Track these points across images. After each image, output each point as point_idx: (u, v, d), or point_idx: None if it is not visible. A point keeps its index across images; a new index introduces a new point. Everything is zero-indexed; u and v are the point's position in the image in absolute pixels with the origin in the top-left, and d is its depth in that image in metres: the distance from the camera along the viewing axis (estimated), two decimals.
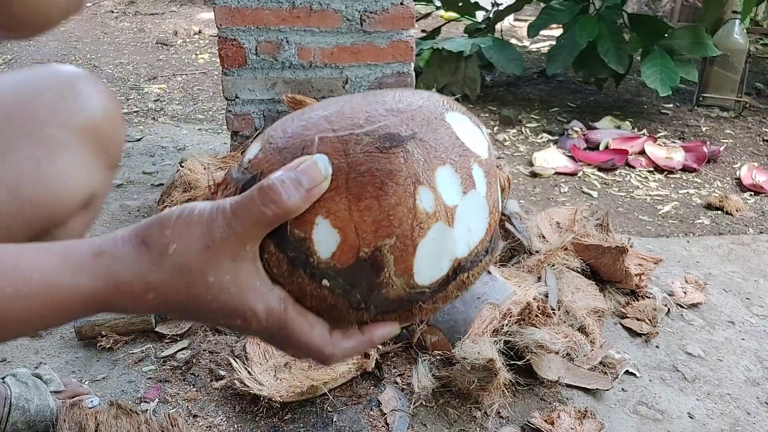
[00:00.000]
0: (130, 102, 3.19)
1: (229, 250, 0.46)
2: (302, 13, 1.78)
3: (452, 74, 3.27)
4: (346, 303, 0.49)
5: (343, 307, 0.49)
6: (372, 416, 1.13)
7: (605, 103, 3.42)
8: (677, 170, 2.53)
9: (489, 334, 1.16)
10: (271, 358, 1.20)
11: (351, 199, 0.47)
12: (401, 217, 0.47)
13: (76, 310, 0.47)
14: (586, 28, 2.95)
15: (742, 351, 1.42)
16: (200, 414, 1.12)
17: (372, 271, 0.48)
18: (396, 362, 1.27)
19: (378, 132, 0.48)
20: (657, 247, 1.89)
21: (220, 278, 0.46)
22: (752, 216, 2.17)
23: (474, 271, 0.53)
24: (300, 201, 0.46)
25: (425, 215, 0.48)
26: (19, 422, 0.97)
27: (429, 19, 4.60)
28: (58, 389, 1.06)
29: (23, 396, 0.99)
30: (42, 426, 1.00)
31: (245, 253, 0.47)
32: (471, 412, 1.16)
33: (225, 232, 0.46)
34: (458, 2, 3.70)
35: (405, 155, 0.47)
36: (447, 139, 0.50)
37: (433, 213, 0.48)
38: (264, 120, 1.87)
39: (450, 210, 0.49)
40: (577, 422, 1.12)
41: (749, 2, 3.05)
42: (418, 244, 0.48)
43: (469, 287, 0.54)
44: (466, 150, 0.51)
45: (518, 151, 2.69)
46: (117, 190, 2.06)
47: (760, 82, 3.81)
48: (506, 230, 1.48)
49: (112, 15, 5.54)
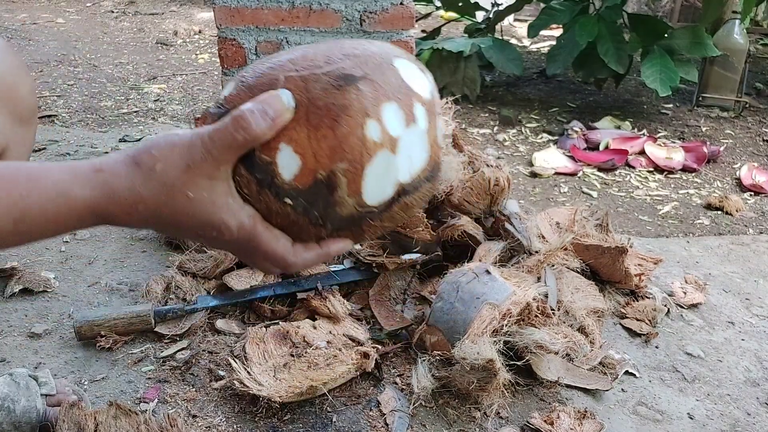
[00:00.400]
0: (130, 102, 3.19)
1: (206, 170, 0.53)
2: (302, 13, 1.78)
3: (452, 74, 3.27)
4: (306, 220, 0.57)
5: (304, 223, 0.58)
6: (371, 416, 1.13)
7: (605, 103, 3.42)
8: (677, 170, 2.53)
9: (488, 335, 1.16)
10: (270, 359, 1.20)
11: (310, 129, 0.55)
12: (352, 145, 0.55)
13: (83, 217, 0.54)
14: (586, 28, 2.95)
15: (742, 351, 1.42)
16: (200, 414, 1.12)
17: (328, 191, 0.56)
18: (395, 362, 1.27)
19: (335, 72, 0.56)
20: (657, 247, 1.89)
21: (198, 194, 0.54)
22: (752, 216, 2.17)
23: (416, 195, 0.61)
24: (266, 128, 0.54)
25: (372, 143, 0.56)
26: (4, 423, 0.97)
27: (429, 19, 4.60)
28: (50, 393, 1.05)
29: (9, 397, 0.99)
30: (27, 428, 0.99)
31: (220, 174, 0.54)
32: (470, 412, 1.15)
33: (203, 155, 0.53)
34: (458, 2, 3.70)
35: (357, 93, 0.55)
36: (394, 81, 0.58)
37: (379, 142, 0.56)
38: None
39: (394, 140, 0.57)
40: (577, 423, 1.12)
41: (749, 2, 3.05)
42: (366, 168, 0.56)
43: (412, 210, 0.62)
44: (410, 91, 0.59)
45: (518, 151, 2.69)
46: None
47: (759, 82, 3.81)
48: (506, 230, 1.48)
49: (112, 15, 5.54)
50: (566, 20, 3.19)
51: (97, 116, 2.95)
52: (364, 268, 1.43)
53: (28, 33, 4.67)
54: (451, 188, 1.51)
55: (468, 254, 1.44)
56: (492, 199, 1.51)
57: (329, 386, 1.15)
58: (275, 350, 1.22)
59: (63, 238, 1.70)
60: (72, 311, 1.40)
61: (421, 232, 1.45)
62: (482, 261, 1.37)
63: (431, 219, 1.49)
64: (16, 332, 1.32)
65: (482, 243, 1.46)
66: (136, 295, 1.46)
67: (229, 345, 1.29)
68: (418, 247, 1.45)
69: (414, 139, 0.58)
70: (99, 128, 2.79)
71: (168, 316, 1.32)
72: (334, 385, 1.16)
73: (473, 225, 1.48)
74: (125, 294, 1.47)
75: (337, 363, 1.18)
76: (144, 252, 1.65)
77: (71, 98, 3.22)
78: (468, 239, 1.45)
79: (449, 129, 1.67)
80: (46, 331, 1.33)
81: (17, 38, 4.50)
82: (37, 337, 1.31)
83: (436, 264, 1.47)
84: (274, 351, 1.22)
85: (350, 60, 0.57)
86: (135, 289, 1.49)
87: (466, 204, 1.51)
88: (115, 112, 3.03)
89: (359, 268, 1.44)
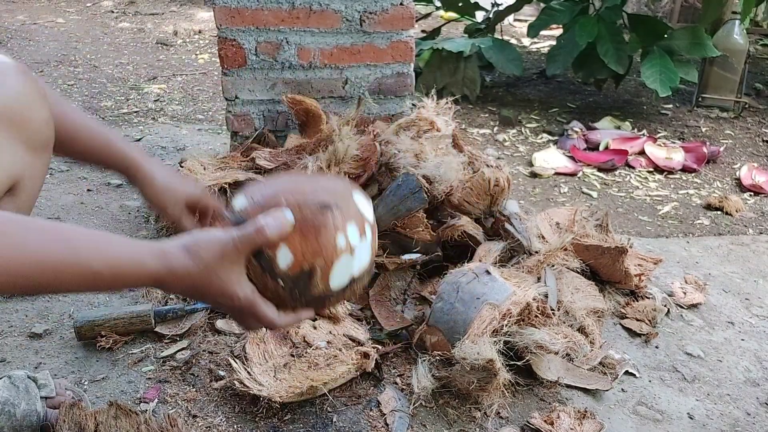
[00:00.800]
0: (130, 102, 3.19)
1: (232, 258, 0.77)
2: (302, 14, 1.78)
3: (452, 75, 3.27)
4: (289, 296, 0.82)
5: (287, 298, 0.82)
6: (371, 417, 1.13)
7: (605, 104, 3.42)
8: (677, 171, 2.54)
9: (488, 335, 1.16)
10: (270, 359, 1.20)
11: (301, 236, 0.80)
12: (328, 249, 0.81)
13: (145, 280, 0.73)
14: (586, 28, 2.95)
15: (742, 351, 1.42)
16: (200, 414, 1.12)
17: (308, 278, 0.82)
18: (396, 363, 1.27)
19: (318, 201, 0.82)
20: (657, 247, 1.89)
21: (225, 274, 0.77)
22: (752, 216, 2.17)
23: (360, 284, 0.88)
24: (276, 236, 0.78)
25: (340, 249, 0.82)
26: (6, 427, 0.97)
27: (429, 19, 4.60)
28: (49, 395, 1.05)
29: (10, 401, 0.99)
30: (29, 431, 0.99)
31: (239, 261, 0.78)
32: (470, 412, 1.16)
33: (232, 249, 0.77)
34: (458, 2, 3.70)
35: (332, 215, 0.82)
36: (353, 209, 0.85)
37: (344, 248, 0.83)
38: (263, 120, 1.87)
39: (353, 247, 0.84)
40: (577, 422, 1.12)
41: (749, 3, 3.05)
42: (334, 265, 0.82)
43: (356, 293, 0.89)
44: (363, 216, 0.86)
45: (518, 152, 2.69)
46: (117, 191, 2.06)
47: (759, 82, 3.82)
48: (506, 230, 1.48)
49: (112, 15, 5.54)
50: (566, 20, 3.19)
51: (97, 116, 2.95)
52: None
53: (28, 33, 4.68)
54: (451, 188, 1.51)
55: (468, 254, 1.44)
56: (492, 200, 1.51)
57: (329, 386, 1.15)
58: (275, 350, 1.22)
59: None
60: (72, 311, 1.40)
61: (421, 233, 1.45)
62: (482, 261, 1.37)
63: (431, 219, 1.49)
64: (16, 332, 1.32)
65: (482, 243, 1.46)
66: (136, 295, 1.46)
67: (230, 345, 1.29)
68: (418, 247, 1.45)
69: (364, 247, 0.86)
70: None
71: (168, 316, 1.33)
72: (334, 385, 1.16)
73: (473, 225, 1.49)
74: (125, 294, 1.47)
75: (338, 363, 1.18)
76: None
77: (71, 98, 3.22)
78: (468, 239, 1.45)
79: (449, 129, 1.68)
80: (47, 331, 1.33)
81: (17, 38, 4.50)
82: (37, 338, 1.31)
83: (436, 264, 1.47)
84: (275, 351, 1.22)
85: (327, 193, 0.84)
86: (135, 289, 1.49)
87: (466, 204, 1.51)
88: (115, 112, 3.03)
89: None
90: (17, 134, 0.76)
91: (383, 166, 1.62)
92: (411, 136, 1.65)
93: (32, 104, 0.78)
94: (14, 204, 0.78)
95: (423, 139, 1.64)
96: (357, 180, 1.61)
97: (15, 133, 0.76)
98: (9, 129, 0.75)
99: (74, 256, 0.68)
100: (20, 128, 0.76)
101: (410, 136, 1.65)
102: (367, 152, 1.63)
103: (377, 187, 1.62)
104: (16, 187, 0.77)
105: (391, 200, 1.46)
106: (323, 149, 1.62)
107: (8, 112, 0.75)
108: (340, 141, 1.58)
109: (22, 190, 0.78)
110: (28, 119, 0.77)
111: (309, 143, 1.71)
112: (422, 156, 1.57)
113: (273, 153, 1.72)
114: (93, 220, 1.83)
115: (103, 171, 0.96)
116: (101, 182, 2.12)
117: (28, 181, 0.79)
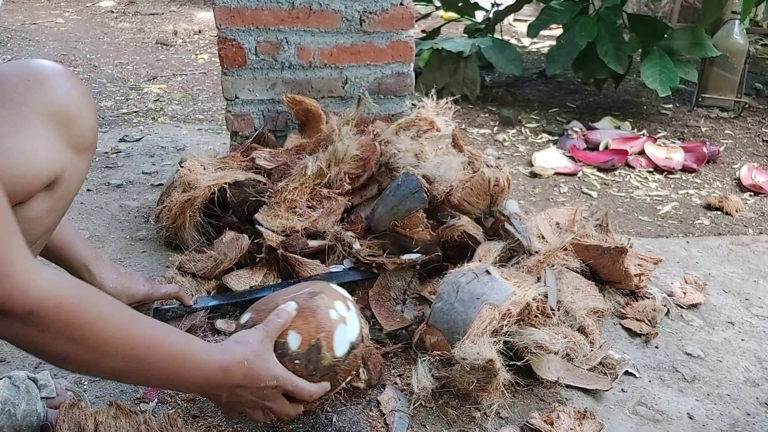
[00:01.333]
0: (130, 102, 3.19)
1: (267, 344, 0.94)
2: (302, 14, 1.78)
3: (452, 74, 3.27)
4: (305, 370, 0.98)
5: (304, 373, 0.98)
6: (371, 416, 1.13)
7: (605, 104, 3.42)
8: (677, 170, 2.54)
9: (488, 335, 1.16)
10: None
11: (302, 320, 1.00)
12: (325, 324, 1.01)
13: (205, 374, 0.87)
14: (586, 28, 2.95)
15: (742, 352, 1.42)
16: (200, 414, 1.12)
17: (317, 351, 0.99)
18: (395, 363, 1.27)
19: (308, 292, 1.05)
20: (656, 247, 1.89)
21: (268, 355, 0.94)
22: (752, 216, 2.17)
23: (358, 349, 1.05)
24: (285, 322, 0.98)
25: (335, 321, 1.02)
26: (6, 427, 0.97)
27: (429, 19, 4.60)
28: (50, 395, 1.05)
29: (10, 401, 0.99)
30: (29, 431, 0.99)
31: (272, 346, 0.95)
32: (470, 412, 1.16)
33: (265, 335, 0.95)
34: (458, 2, 3.70)
35: (321, 299, 1.03)
36: (334, 292, 1.08)
37: (338, 319, 1.02)
38: (263, 120, 1.87)
39: (344, 317, 1.03)
40: (577, 423, 1.12)
41: (749, 2, 3.05)
42: (334, 335, 1.01)
43: (357, 360, 1.06)
44: (343, 295, 1.09)
45: (518, 152, 2.69)
46: (117, 190, 2.06)
47: (759, 82, 3.82)
48: (506, 230, 1.48)
49: (112, 15, 5.54)
50: (566, 20, 3.19)
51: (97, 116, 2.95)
52: (363, 268, 1.43)
53: (28, 33, 4.68)
54: (451, 188, 1.51)
55: (468, 254, 1.44)
56: (492, 200, 1.51)
57: None
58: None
59: None
60: None
61: (421, 232, 1.45)
62: (482, 261, 1.37)
63: (431, 219, 1.49)
64: None
65: (482, 243, 1.46)
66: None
67: None
68: (418, 247, 1.45)
69: (352, 317, 1.05)
70: (99, 128, 2.78)
71: (168, 315, 1.32)
72: None
73: (473, 225, 1.48)
74: None
75: None
76: (144, 252, 1.65)
77: None
78: (468, 239, 1.45)
79: (449, 129, 1.68)
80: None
81: (17, 38, 4.50)
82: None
83: (436, 264, 1.47)
84: None
85: (311, 287, 1.07)
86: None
87: (466, 204, 1.51)
88: (115, 112, 3.03)
89: (359, 268, 1.44)
90: (65, 133, 0.81)
91: (383, 166, 1.62)
92: (411, 136, 1.65)
93: (81, 108, 0.83)
94: (50, 198, 0.81)
95: (423, 139, 1.64)
96: (357, 180, 1.61)
97: (63, 132, 0.80)
98: (58, 127, 0.80)
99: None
100: (68, 128, 0.81)
101: (410, 136, 1.65)
102: (367, 152, 1.63)
103: (377, 187, 1.62)
104: (56, 182, 0.81)
105: (391, 200, 1.46)
106: (323, 149, 1.62)
107: (60, 111, 0.80)
108: (340, 141, 1.58)
109: (61, 186, 0.82)
110: (76, 120, 0.82)
111: (309, 143, 1.71)
112: (422, 156, 1.57)
113: (273, 153, 1.72)
114: (93, 220, 1.83)
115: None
116: (101, 182, 2.12)
117: (67, 179, 0.83)
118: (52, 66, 0.83)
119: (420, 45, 3.35)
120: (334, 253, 1.45)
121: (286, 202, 1.53)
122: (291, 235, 1.46)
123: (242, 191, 1.57)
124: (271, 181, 1.62)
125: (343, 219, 1.55)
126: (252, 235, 1.49)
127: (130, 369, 0.80)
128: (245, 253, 1.46)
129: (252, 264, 1.48)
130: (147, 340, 0.80)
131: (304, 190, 1.56)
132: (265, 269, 1.46)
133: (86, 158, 0.87)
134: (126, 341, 0.78)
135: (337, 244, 1.45)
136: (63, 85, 0.82)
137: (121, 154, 2.42)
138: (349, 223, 1.55)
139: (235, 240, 1.48)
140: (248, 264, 1.48)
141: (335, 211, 1.53)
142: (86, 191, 2.03)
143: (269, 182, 1.61)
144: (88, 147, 0.86)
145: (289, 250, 1.42)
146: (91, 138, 0.86)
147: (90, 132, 0.86)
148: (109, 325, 0.76)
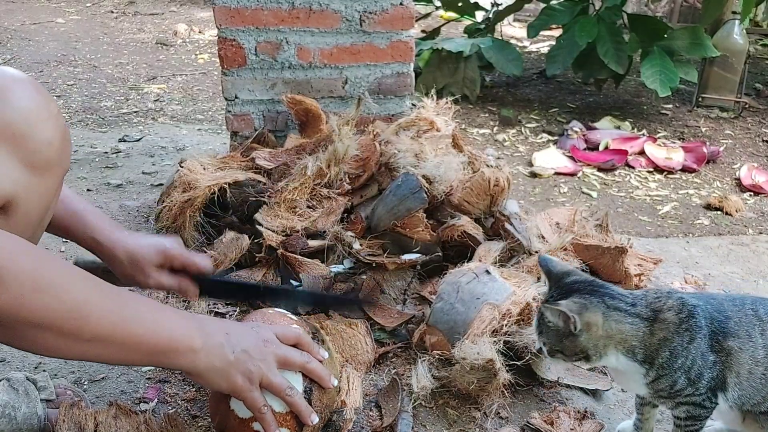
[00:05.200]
0: (130, 102, 3.19)
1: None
2: (302, 14, 1.78)
3: (452, 75, 3.27)
4: None
5: None
6: (371, 417, 1.13)
7: (605, 104, 3.42)
8: (677, 171, 2.54)
9: (488, 335, 1.16)
10: None
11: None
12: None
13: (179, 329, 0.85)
14: (586, 28, 2.95)
15: None
16: (200, 414, 1.12)
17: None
18: (395, 362, 1.27)
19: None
20: (656, 247, 1.89)
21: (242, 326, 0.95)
22: (752, 216, 2.17)
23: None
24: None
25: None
26: (6, 430, 0.97)
27: (429, 19, 4.60)
28: (49, 398, 1.05)
29: (10, 404, 0.98)
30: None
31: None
32: (470, 412, 1.15)
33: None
34: (458, 2, 3.70)
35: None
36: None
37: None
38: (263, 120, 1.87)
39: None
40: (577, 423, 1.12)
41: (749, 3, 3.05)
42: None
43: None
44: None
45: (518, 152, 2.69)
46: (116, 190, 2.06)
47: (759, 82, 3.82)
48: (506, 230, 1.48)
49: (112, 15, 5.54)
50: (566, 21, 3.19)
51: (97, 116, 2.95)
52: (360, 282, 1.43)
53: (28, 33, 4.68)
54: (451, 188, 1.51)
55: (468, 254, 1.44)
56: (492, 200, 1.51)
57: None
58: None
59: (62, 239, 1.69)
60: None
61: (421, 232, 1.45)
62: (482, 261, 1.37)
63: (431, 219, 1.49)
64: None
65: (482, 243, 1.46)
66: None
67: None
68: (418, 247, 1.45)
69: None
70: (99, 128, 2.79)
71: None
72: None
73: (473, 225, 1.48)
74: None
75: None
76: None
77: (71, 98, 3.22)
78: (468, 239, 1.45)
79: (449, 129, 1.68)
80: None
81: (17, 38, 4.50)
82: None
83: (436, 264, 1.46)
84: None
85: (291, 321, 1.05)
86: (135, 288, 1.48)
87: (466, 204, 1.51)
88: (115, 112, 3.03)
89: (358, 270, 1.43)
90: (14, 151, 0.73)
91: (383, 166, 1.62)
92: (411, 136, 1.65)
93: (35, 122, 0.75)
94: (6, 224, 0.74)
95: (423, 139, 1.64)
96: (357, 180, 1.61)
97: (12, 150, 0.73)
98: (6, 145, 0.72)
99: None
100: (18, 145, 0.73)
101: (410, 136, 1.65)
102: (367, 152, 1.63)
103: (377, 187, 1.62)
104: (9, 205, 0.74)
105: (391, 200, 1.46)
106: (323, 149, 1.62)
107: (8, 128, 0.72)
108: (340, 141, 1.58)
109: (17, 210, 0.75)
110: (28, 137, 0.74)
111: (309, 143, 1.71)
112: (422, 156, 1.57)
113: (273, 153, 1.72)
114: None
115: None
116: (101, 182, 2.12)
117: (23, 201, 0.75)
118: (8, 75, 0.76)
119: (420, 45, 3.35)
120: (334, 253, 1.45)
121: (286, 202, 1.53)
122: (291, 235, 1.46)
123: (242, 191, 1.57)
124: (271, 181, 1.62)
125: (343, 219, 1.55)
126: (252, 235, 1.48)
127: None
128: (245, 253, 1.46)
129: (252, 264, 1.48)
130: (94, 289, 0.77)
131: (304, 190, 1.56)
132: (264, 269, 1.46)
133: (49, 177, 0.78)
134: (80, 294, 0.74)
135: (337, 243, 1.45)
136: (16, 96, 0.74)
137: (121, 154, 2.42)
138: (349, 222, 1.55)
139: (235, 240, 1.48)
140: (248, 264, 1.48)
141: (335, 211, 1.53)
142: (86, 191, 2.04)
143: (269, 182, 1.61)
144: (47, 165, 0.77)
145: (289, 250, 1.42)
146: (49, 154, 0.76)
147: (47, 148, 0.76)
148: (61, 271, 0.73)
